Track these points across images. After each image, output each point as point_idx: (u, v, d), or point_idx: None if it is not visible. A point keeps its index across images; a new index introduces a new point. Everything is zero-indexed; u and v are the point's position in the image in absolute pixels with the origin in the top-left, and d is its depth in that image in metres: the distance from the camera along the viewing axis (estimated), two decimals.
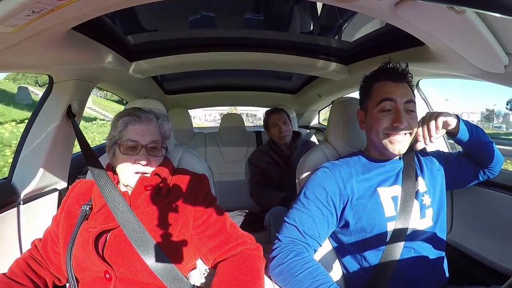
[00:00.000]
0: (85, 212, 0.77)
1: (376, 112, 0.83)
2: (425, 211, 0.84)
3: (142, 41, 1.31)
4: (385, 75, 0.85)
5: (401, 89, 0.82)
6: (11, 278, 0.73)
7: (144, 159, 0.77)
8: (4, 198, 0.97)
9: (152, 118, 0.82)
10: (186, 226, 0.75)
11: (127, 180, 0.78)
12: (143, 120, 0.80)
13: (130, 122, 0.79)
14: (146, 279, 0.69)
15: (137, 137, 0.78)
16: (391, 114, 0.81)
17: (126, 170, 0.78)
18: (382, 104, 0.82)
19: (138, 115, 0.80)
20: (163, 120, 0.85)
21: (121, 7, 0.68)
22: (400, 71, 0.85)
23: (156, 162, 0.80)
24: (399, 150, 0.82)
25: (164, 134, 0.85)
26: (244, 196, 1.95)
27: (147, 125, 0.80)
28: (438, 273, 0.86)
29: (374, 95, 0.85)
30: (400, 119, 0.79)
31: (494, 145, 0.90)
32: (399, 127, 0.79)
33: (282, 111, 1.91)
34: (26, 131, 1.08)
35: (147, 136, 0.79)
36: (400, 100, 0.81)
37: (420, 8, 0.55)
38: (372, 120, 0.84)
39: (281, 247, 0.77)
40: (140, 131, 0.78)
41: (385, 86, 0.84)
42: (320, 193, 0.83)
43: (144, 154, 0.77)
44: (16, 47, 0.66)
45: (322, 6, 1.14)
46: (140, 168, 0.77)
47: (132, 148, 0.77)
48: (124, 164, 0.78)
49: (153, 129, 0.81)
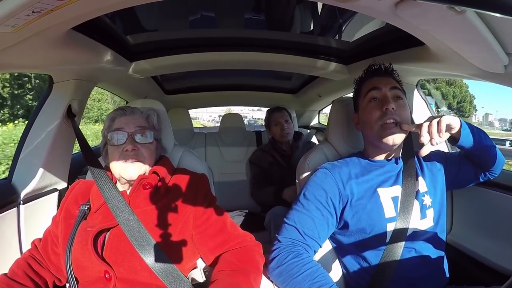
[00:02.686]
0: (83, 212, 0.77)
1: (365, 105, 0.87)
2: (426, 212, 0.84)
3: (142, 41, 1.31)
4: (371, 74, 0.90)
5: (385, 80, 0.87)
6: (12, 279, 0.73)
7: (132, 145, 0.78)
8: (4, 198, 0.97)
9: (136, 110, 0.86)
10: (186, 226, 0.75)
11: (120, 171, 0.77)
12: (128, 112, 0.84)
13: (116, 116, 0.83)
14: (146, 279, 0.69)
15: (122, 126, 0.80)
16: (380, 103, 0.84)
17: (116, 161, 0.78)
18: (369, 94, 0.86)
19: (122, 108, 0.85)
20: (149, 112, 0.88)
21: (121, 7, 0.68)
22: (384, 69, 0.90)
23: (146, 150, 0.80)
24: (393, 140, 0.82)
25: (152, 123, 0.87)
26: (244, 196, 1.95)
27: (132, 115, 0.83)
28: (438, 273, 0.86)
29: (362, 91, 0.89)
30: (388, 100, 0.82)
31: (496, 149, 0.89)
32: (388, 109, 0.81)
33: (283, 109, 1.91)
34: (26, 131, 1.08)
35: (132, 124, 0.81)
36: (385, 87, 0.85)
37: (420, 8, 0.55)
38: (364, 114, 0.87)
39: (280, 248, 0.77)
40: (125, 121, 0.81)
41: (372, 80, 0.89)
42: (320, 194, 0.83)
43: (131, 141, 0.78)
44: (16, 47, 0.66)
45: (322, 6, 1.14)
46: (129, 155, 0.77)
47: (119, 139, 0.79)
48: (114, 155, 0.78)
49: (139, 118, 0.84)
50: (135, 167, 0.77)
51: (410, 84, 1.24)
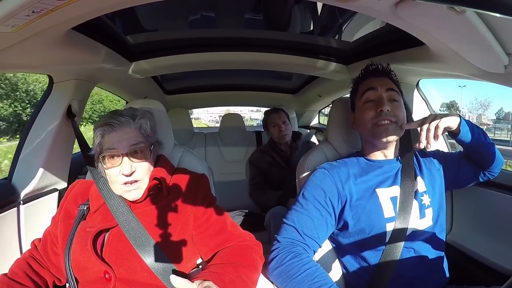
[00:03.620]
0: (82, 212, 0.77)
1: (361, 105, 0.88)
2: (425, 211, 0.84)
3: (142, 41, 1.31)
4: (368, 74, 0.91)
5: (382, 80, 0.88)
6: (12, 279, 0.73)
7: (128, 168, 0.71)
8: (4, 198, 0.97)
9: (126, 121, 0.75)
10: (186, 226, 0.75)
11: (122, 194, 0.75)
12: (116, 126, 0.73)
13: (105, 132, 0.74)
14: (146, 279, 0.69)
15: (114, 145, 0.72)
16: (375, 104, 0.85)
17: (114, 181, 0.73)
18: (365, 94, 0.87)
19: (110, 123, 0.73)
20: (140, 119, 0.77)
21: (121, 7, 0.69)
22: (381, 69, 0.90)
23: (143, 167, 0.74)
24: (386, 137, 0.83)
25: (145, 133, 0.78)
26: (244, 196, 1.95)
27: (122, 130, 0.74)
28: (438, 273, 0.86)
29: (359, 91, 0.90)
30: (383, 103, 0.83)
31: (495, 147, 0.90)
32: (383, 111, 0.82)
33: (280, 110, 1.91)
34: (26, 131, 1.08)
35: (125, 141, 0.72)
36: (381, 88, 0.85)
37: (420, 8, 0.55)
38: (359, 114, 0.88)
39: (279, 249, 0.77)
40: (117, 138, 0.72)
41: (368, 81, 0.89)
42: (319, 194, 0.83)
43: (127, 162, 0.72)
44: (16, 47, 0.66)
45: (322, 6, 1.14)
46: (127, 178, 0.72)
47: (113, 160, 0.72)
48: (112, 178, 0.73)
49: (131, 131, 0.74)
50: (138, 190, 0.74)
51: (410, 84, 1.24)
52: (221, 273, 0.66)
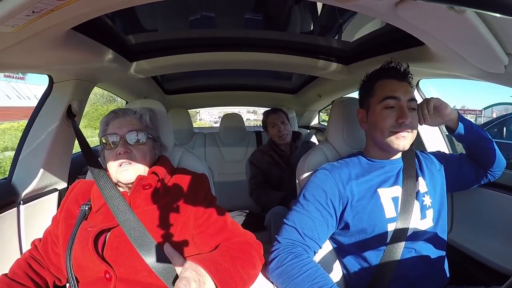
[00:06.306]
0: (84, 212, 0.77)
1: (380, 110, 0.84)
2: (426, 212, 0.84)
3: (142, 41, 1.31)
4: (387, 73, 0.87)
5: (403, 87, 0.84)
6: (12, 279, 0.73)
7: (124, 148, 0.77)
8: (4, 198, 0.97)
9: (129, 111, 0.86)
10: (187, 226, 0.75)
11: (116, 175, 0.78)
12: (120, 114, 0.84)
13: (109, 120, 0.83)
14: (147, 279, 0.69)
15: (115, 130, 0.80)
16: (395, 111, 0.82)
17: (111, 165, 0.78)
18: (386, 101, 0.83)
19: (115, 111, 0.85)
20: (142, 112, 0.88)
21: (121, 7, 0.68)
22: (402, 71, 0.86)
23: (139, 152, 0.80)
24: (403, 146, 0.82)
25: (145, 123, 0.86)
26: (244, 196, 1.95)
27: (124, 117, 0.83)
28: (438, 273, 0.86)
29: (377, 92, 0.86)
30: (405, 115, 0.80)
31: (495, 145, 0.90)
32: (404, 123, 0.80)
33: (280, 111, 1.91)
34: (26, 131, 1.08)
35: (125, 127, 0.81)
36: (404, 98, 0.82)
37: (420, 8, 0.55)
38: (376, 118, 0.85)
39: (280, 249, 0.77)
40: (118, 124, 0.81)
41: (388, 83, 0.85)
42: (320, 195, 0.82)
43: (123, 144, 0.78)
44: (16, 47, 0.66)
45: (322, 6, 1.13)
46: (122, 158, 0.77)
47: (113, 142, 0.79)
48: (109, 159, 0.79)
49: (131, 119, 0.83)
50: (130, 170, 0.77)
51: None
52: (217, 261, 0.67)
